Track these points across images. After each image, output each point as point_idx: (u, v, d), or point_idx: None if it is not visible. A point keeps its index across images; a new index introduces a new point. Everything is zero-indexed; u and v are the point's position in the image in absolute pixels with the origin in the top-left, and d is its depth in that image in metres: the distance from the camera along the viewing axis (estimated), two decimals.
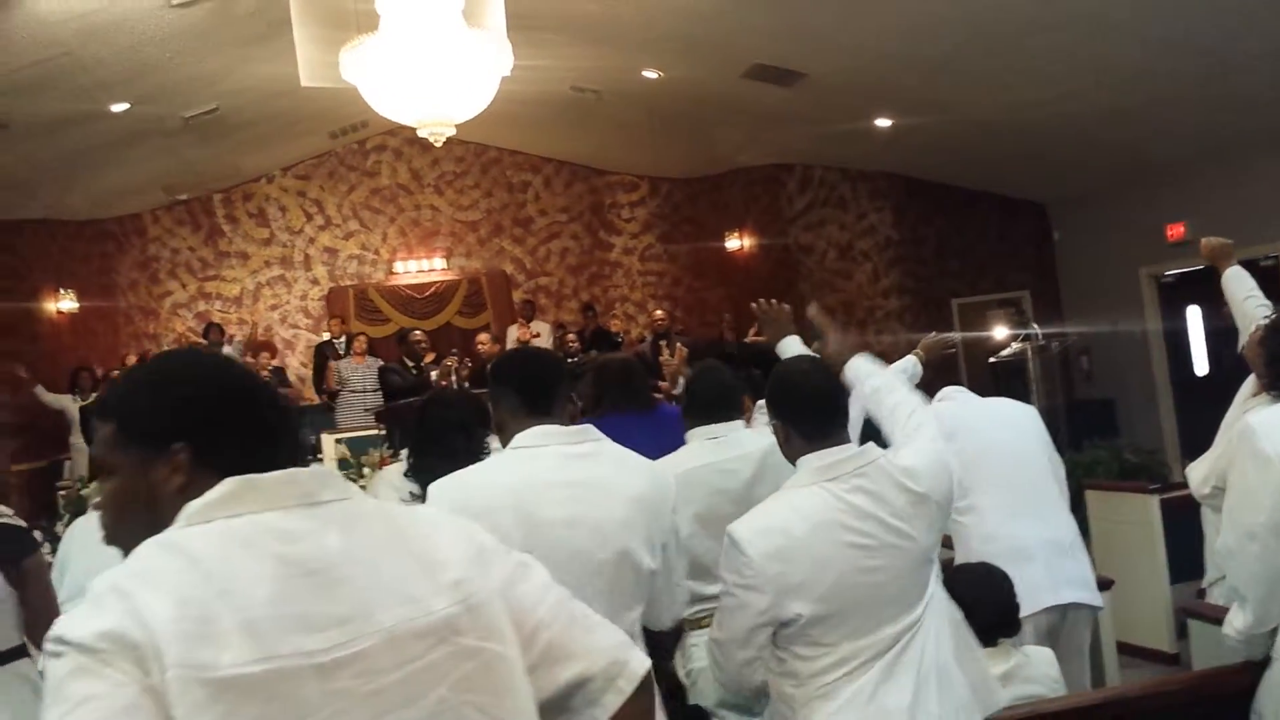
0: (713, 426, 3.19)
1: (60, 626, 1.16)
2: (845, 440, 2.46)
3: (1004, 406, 4.15)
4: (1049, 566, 3.65)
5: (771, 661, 2.39)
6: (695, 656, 3.00)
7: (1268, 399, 3.29)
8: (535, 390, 2.45)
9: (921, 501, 2.41)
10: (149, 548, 1.24)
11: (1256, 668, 2.56)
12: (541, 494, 2.29)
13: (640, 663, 1.46)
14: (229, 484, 1.27)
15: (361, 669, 1.21)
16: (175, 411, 1.34)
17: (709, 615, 2.67)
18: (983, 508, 3.73)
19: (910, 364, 4.58)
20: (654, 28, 8.80)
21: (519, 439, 2.38)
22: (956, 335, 5.29)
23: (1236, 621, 2.57)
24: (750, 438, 3.24)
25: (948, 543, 4.12)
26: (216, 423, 1.34)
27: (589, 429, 2.47)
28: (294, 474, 1.32)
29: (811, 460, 2.42)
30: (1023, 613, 3.49)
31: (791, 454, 2.50)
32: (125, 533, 1.30)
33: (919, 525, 2.40)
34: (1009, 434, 3.91)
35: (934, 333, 4.82)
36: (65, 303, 11.81)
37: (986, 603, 2.97)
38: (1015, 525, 3.69)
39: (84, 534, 3.56)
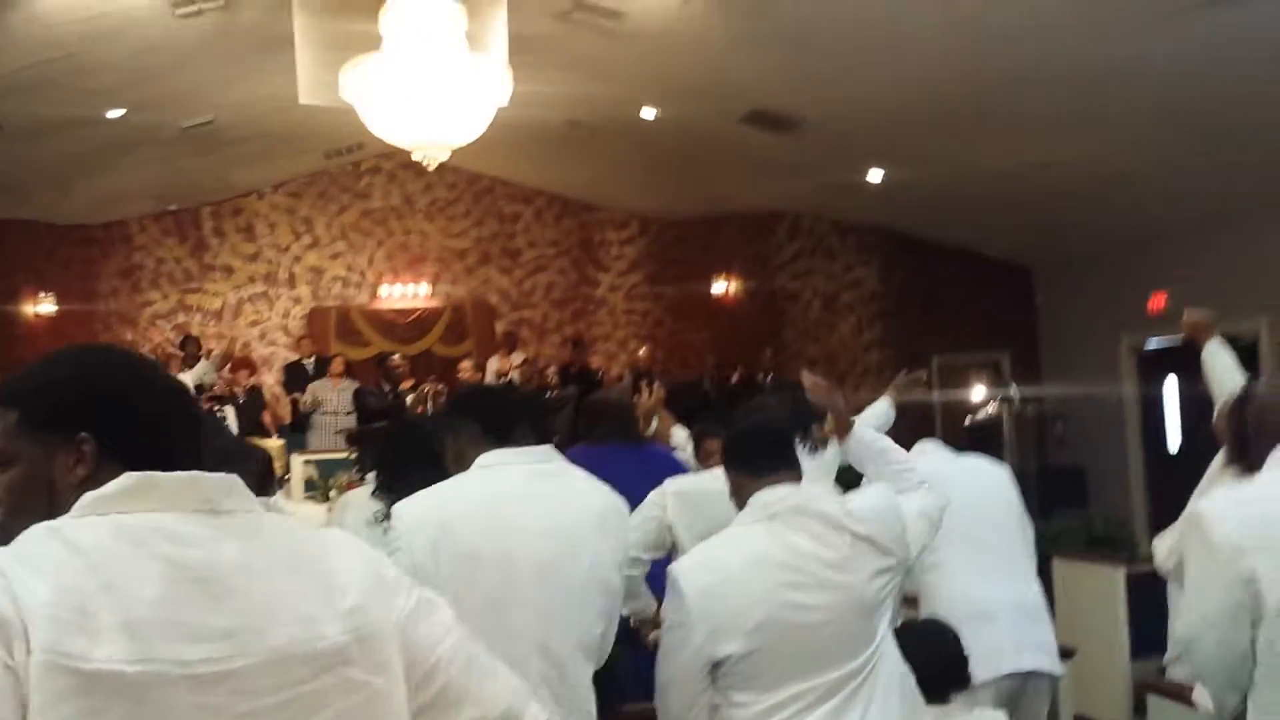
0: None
1: None
2: (790, 480, 2.48)
3: (978, 464, 4.13)
4: (1014, 630, 3.64)
5: (710, 711, 2.38)
6: None
7: (1234, 473, 3.30)
8: (497, 419, 2.49)
9: (862, 543, 2.42)
10: (36, 532, 1.21)
11: None
12: (514, 506, 2.32)
13: (536, 715, 1.42)
14: (128, 479, 1.24)
15: (239, 686, 1.17)
16: (83, 401, 1.31)
17: None
18: (948, 565, 3.72)
19: (884, 407, 4.57)
20: (655, 67, 8.86)
21: (484, 459, 2.41)
22: (927, 380, 5.28)
23: (1203, 701, 2.57)
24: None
25: (914, 602, 4.12)
26: (124, 416, 1.31)
27: (551, 450, 2.51)
28: (196, 478, 1.28)
29: (756, 499, 2.46)
30: (984, 677, 3.48)
31: (740, 501, 2.54)
32: (21, 526, 1.25)
33: (859, 570, 2.41)
34: (981, 493, 3.90)
35: (904, 371, 4.78)
36: (43, 305, 11.74)
37: (933, 659, 2.96)
38: (982, 586, 3.68)
39: None
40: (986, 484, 3.98)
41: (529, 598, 2.25)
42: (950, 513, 3.69)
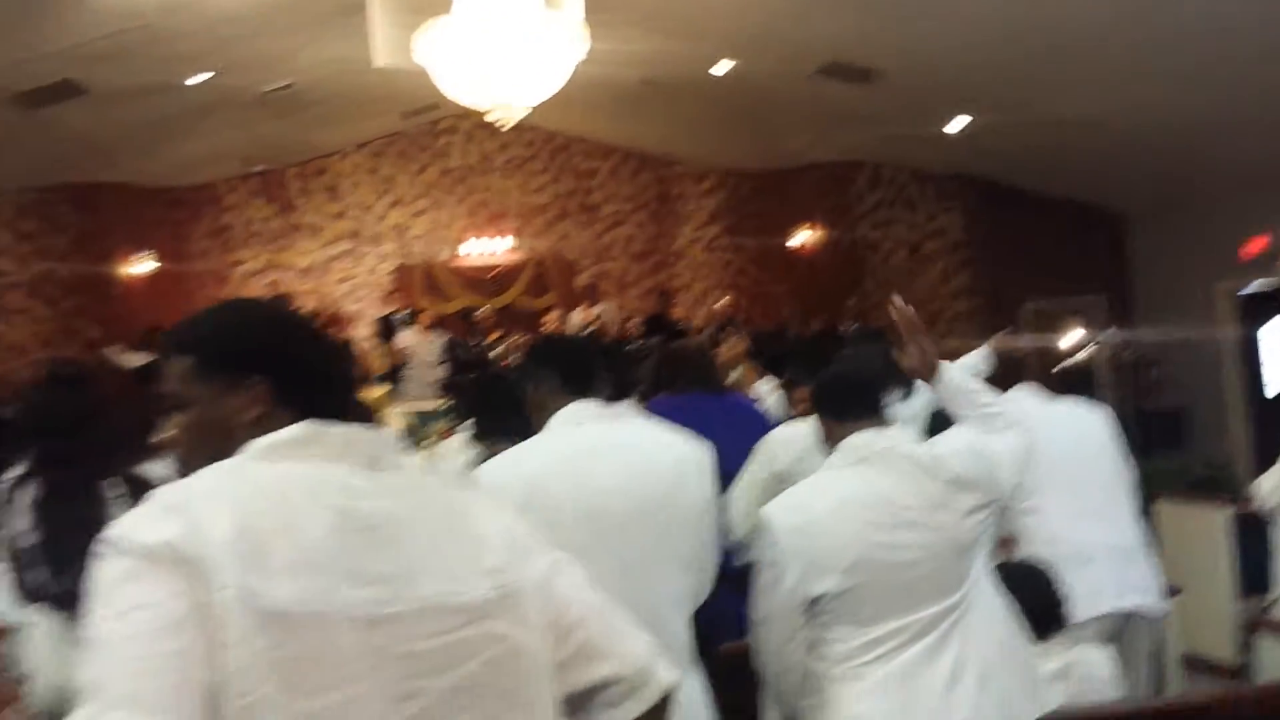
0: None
1: (119, 528, 1.20)
2: (878, 424, 2.48)
3: (1075, 408, 4.08)
4: (1113, 570, 3.61)
5: (809, 644, 2.41)
6: None
7: None
8: (576, 370, 2.50)
9: (955, 485, 2.43)
10: (216, 470, 1.28)
11: None
12: (593, 462, 2.34)
13: (667, 675, 1.47)
14: (301, 428, 1.32)
15: (396, 630, 1.23)
16: (257, 347, 1.40)
17: None
18: (1047, 509, 3.69)
19: (984, 355, 4.54)
20: (729, 21, 8.75)
21: (562, 415, 2.43)
22: (1028, 338, 5.21)
23: None
24: None
25: (1011, 543, 4.08)
26: (294, 363, 1.40)
27: (627, 405, 2.54)
28: (362, 433, 1.35)
29: (845, 444, 2.50)
30: (1084, 616, 3.45)
31: (830, 446, 2.58)
32: (198, 464, 1.32)
33: (952, 510, 2.42)
34: (1078, 436, 3.86)
35: (1008, 329, 4.77)
36: (141, 265, 12.08)
37: (1030, 598, 2.93)
38: (1080, 527, 3.65)
39: None
40: (1084, 427, 3.94)
41: (612, 552, 2.26)
42: (1047, 456, 3.65)
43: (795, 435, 3.49)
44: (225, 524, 1.18)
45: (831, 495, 2.44)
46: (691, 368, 4.19)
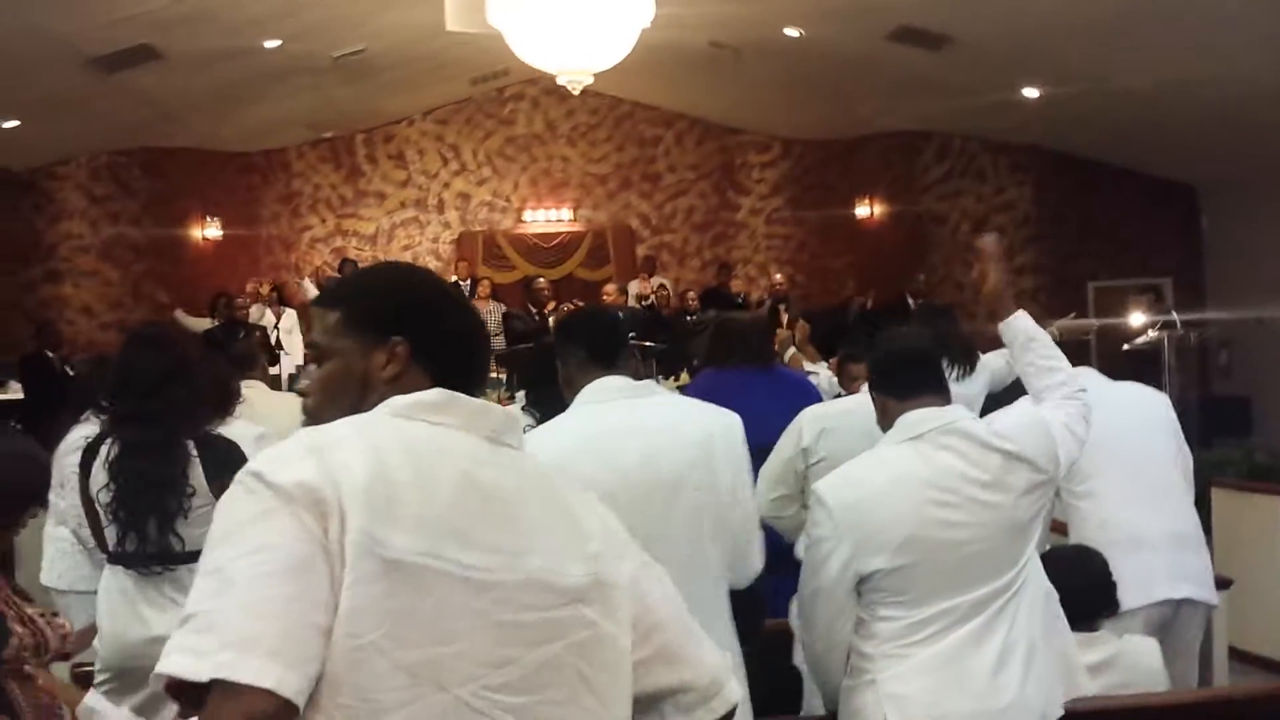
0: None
1: (259, 464, 1.24)
2: (938, 403, 2.46)
3: (1134, 391, 3.98)
4: (1167, 558, 3.54)
5: (855, 624, 2.41)
6: None
7: None
8: (603, 346, 2.52)
9: (1013, 461, 2.40)
10: (356, 420, 1.33)
11: None
12: (618, 440, 2.36)
13: (735, 691, 1.51)
14: (437, 393, 1.37)
15: (500, 596, 1.26)
16: (401, 308, 1.45)
17: None
18: (1102, 493, 3.62)
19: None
20: None
21: (588, 393, 2.44)
22: (1094, 322, 5.15)
23: None
24: None
25: (1062, 528, 4.05)
26: (434, 328, 1.45)
27: (652, 384, 2.55)
28: (490, 407, 1.41)
29: (902, 420, 2.46)
30: (1135, 603, 3.40)
31: (886, 423, 2.53)
32: (331, 414, 1.38)
33: (1010, 489, 2.39)
34: (1136, 420, 3.75)
35: (1074, 314, 4.70)
36: (210, 230, 12.32)
37: (1080, 583, 2.89)
38: (1135, 513, 3.57)
39: None
40: (1143, 411, 3.83)
41: (635, 528, 2.29)
42: (1105, 440, 3.59)
43: (825, 411, 3.50)
44: (360, 470, 1.22)
45: (886, 471, 2.41)
46: (742, 342, 4.19)
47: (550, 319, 9.43)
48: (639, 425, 2.39)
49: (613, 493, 2.27)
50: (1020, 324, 2.73)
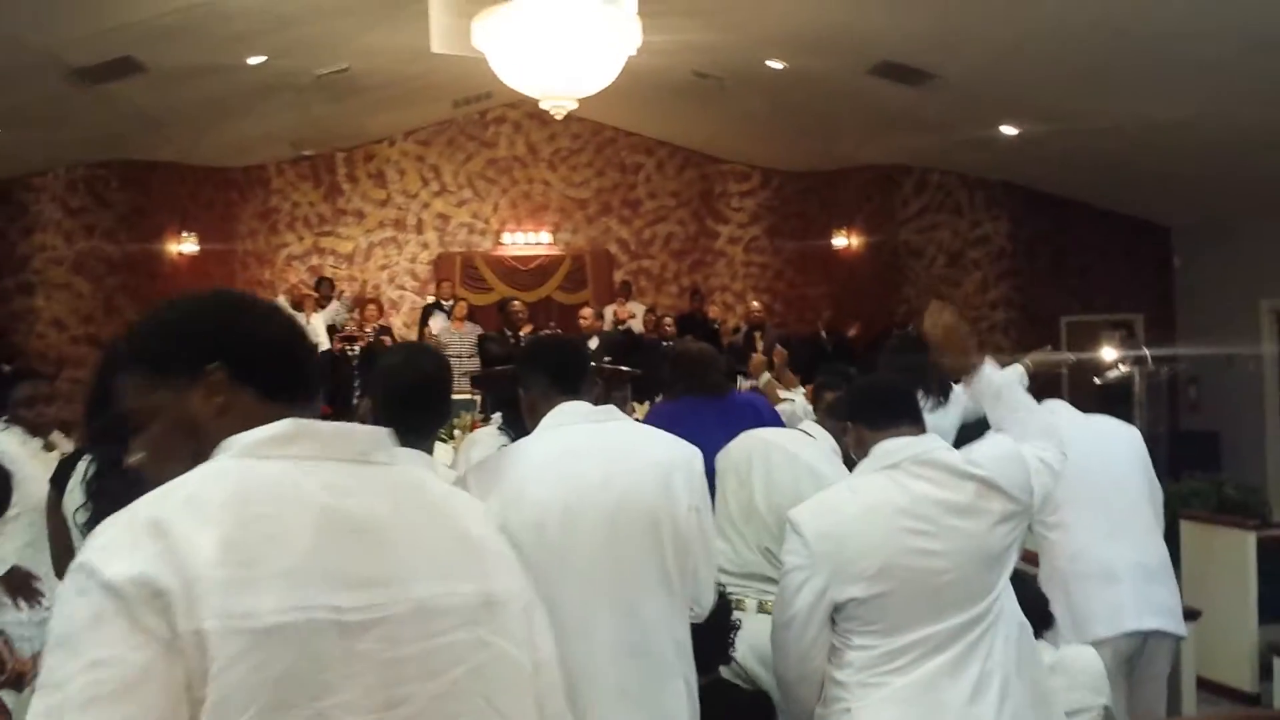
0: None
1: (88, 553, 1.10)
2: (913, 432, 2.49)
3: (1106, 425, 4.03)
4: (1135, 590, 3.58)
5: (829, 652, 2.40)
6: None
7: None
8: (567, 372, 2.52)
9: (988, 489, 2.41)
10: (198, 473, 1.20)
11: None
12: (578, 462, 2.34)
13: None
14: (288, 424, 1.25)
15: (385, 634, 1.17)
16: (201, 334, 1.33)
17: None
18: (1073, 525, 3.66)
19: (1017, 374, 4.57)
20: (783, 17, 8.73)
21: (551, 418, 2.43)
22: (1070, 356, 5.20)
23: None
24: None
25: (1033, 559, 4.07)
26: (243, 343, 1.33)
27: (612, 409, 2.55)
28: (351, 428, 1.30)
29: (877, 449, 2.48)
30: (1104, 634, 3.45)
31: (862, 453, 2.55)
32: (173, 474, 1.22)
33: (983, 517, 2.41)
34: (1108, 453, 3.81)
35: (1049, 347, 4.75)
36: (186, 245, 12.24)
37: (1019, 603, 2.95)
38: (1105, 546, 3.62)
39: None
40: (1115, 445, 3.89)
41: (593, 551, 2.28)
42: (1076, 473, 3.60)
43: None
44: (208, 543, 1.10)
45: (861, 500, 2.42)
46: (692, 373, 4.17)
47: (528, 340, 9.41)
48: (599, 447, 2.38)
49: (575, 512, 2.28)
50: (988, 377, 2.73)
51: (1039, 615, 2.99)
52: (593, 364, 2.80)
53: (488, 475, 2.36)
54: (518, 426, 3.65)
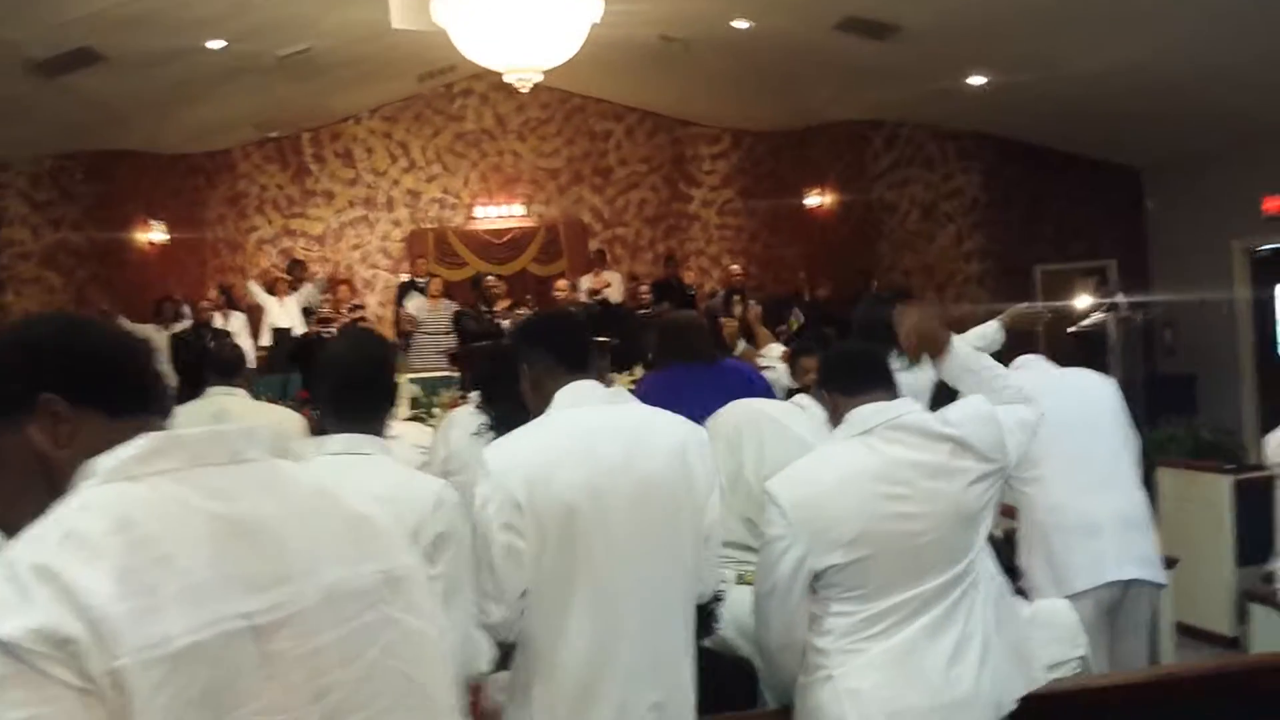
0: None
1: None
2: (886, 398, 2.51)
3: (1082, 377, 4.05)
4: (1116, 541, 3.60)
5: (809, 620, 2.43)
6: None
7: None
8: (573, 349, 2.50)
9: (962, 448, 2.44)
10: (72, 509, 1.13)
11: None
12: (601, 441, 2.35)
13: None
14: (151, 439, 1.19)
15: (298, 629, 1.16)
16: (23, 364, 1.25)
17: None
18: (1050, 479, 3.67)
19: (993, 329, 4.62)
20: None
21: (566, 396, 2.42)
22: (1045, 311, 5.23)
23: None
24: None
25: (1011, 513, 4.11)
26: (68, 363, 1.26)
27: (621, 390, 2.56)
28: (220, 431, 1.26)
29: (851, 416, 2.50)
30: (1086, 586, 3.49)
31: (836, 420, 2.57)
32: (30, 520, 1.13)
33: (959, 477, 2.43)
34: (1084, 405, 3.81)
35: (1025, 304, 4.79)
36: (155, 234, 12.13)
37: None
38: (1084, 498, 3.63)
39: None
40: (1090, 396, 3.90)
41: (622, 532, 2.29)
42: (1053, 426, 3.61)
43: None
44: (104, 579, 1.05)
45: (838, 467, 2.44)
46: (680, 342, 4.20)
47: (502, 319, 9.39)
48: (618, 427, 2.39)
49: (603, 493, 2.30)
50: (958, 353, 2.75)
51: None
52: None
53: (507, 454, 2.35)
54: (495, 404, 3.67)
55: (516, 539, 2.24)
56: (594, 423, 2.39)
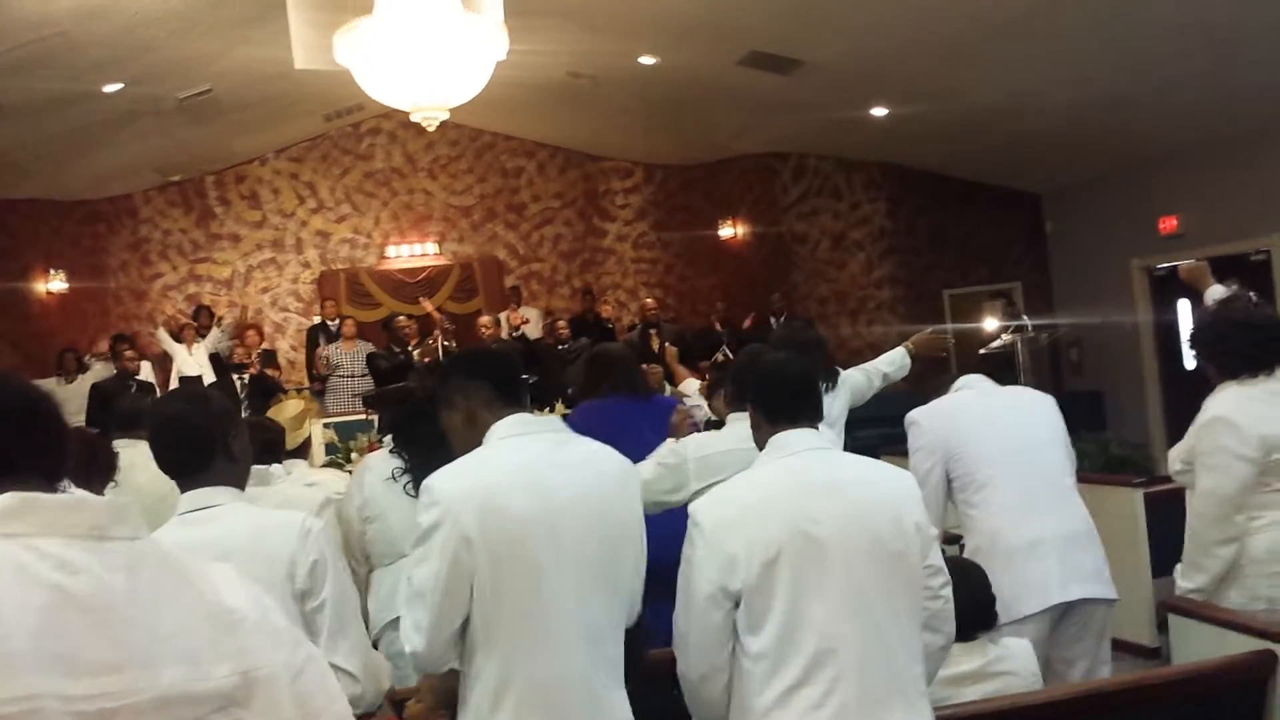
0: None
1: None
2: (810, 424, 2.52)
3: (1023, 396, 4.08)
4: (1061, 562, 3.58)
5: (731, 645, 2.37)
6: None
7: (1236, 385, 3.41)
8: (510, 381, 2.49)
9: (880, 491, 2.46)
10: None
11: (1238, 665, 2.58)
12: (550, 473, 2.32)
13: None
14: (7, 499, 1.16)
15: None
16: None
17: None
18: (996, 500, 3.66)
19: (899, 356, 4.70)
20: (650, 13, 8.77)
21: (504, 428, 2.38)
22: (949, 333, 5.33)
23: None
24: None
25: (952, 539, 4.12)
26: None
27: (555, 420, 2.54)
28: (83, 501, 1.21)
29: (776, 440, 2.49)
30: (1033, 610, 3.48)
31: (760, 439, 2.56)
32: None
33: (878, 513, 2.41)
34: (1026, 424, 3.82)
35: (930, 328, 4.87)
36: (55, 283, 11.78)
37: (961, 597, 2.96)
38: (1029, 519, 3.62)
39: None
40: (1032, 415, 3.89)
41: (572, 562, 2.27)
42: (996, 447, 3.70)
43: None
44: None
45: (759, 490, 2.42)
46: (613, 372, 4.21)
47: (416, 355, 9.27)
48: (564, 460, 2.37)
49: (553, 525, 2.26)
50: None
51: (982, 617, 2.96)
52: None
53: (455, 484, 2.29)
54: (410, 448, 3.59)
55: (460, 570, 2.20)
56: (543, 455, 2.36)
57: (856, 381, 4.69)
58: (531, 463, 2.34)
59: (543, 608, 2.23)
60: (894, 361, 4.82)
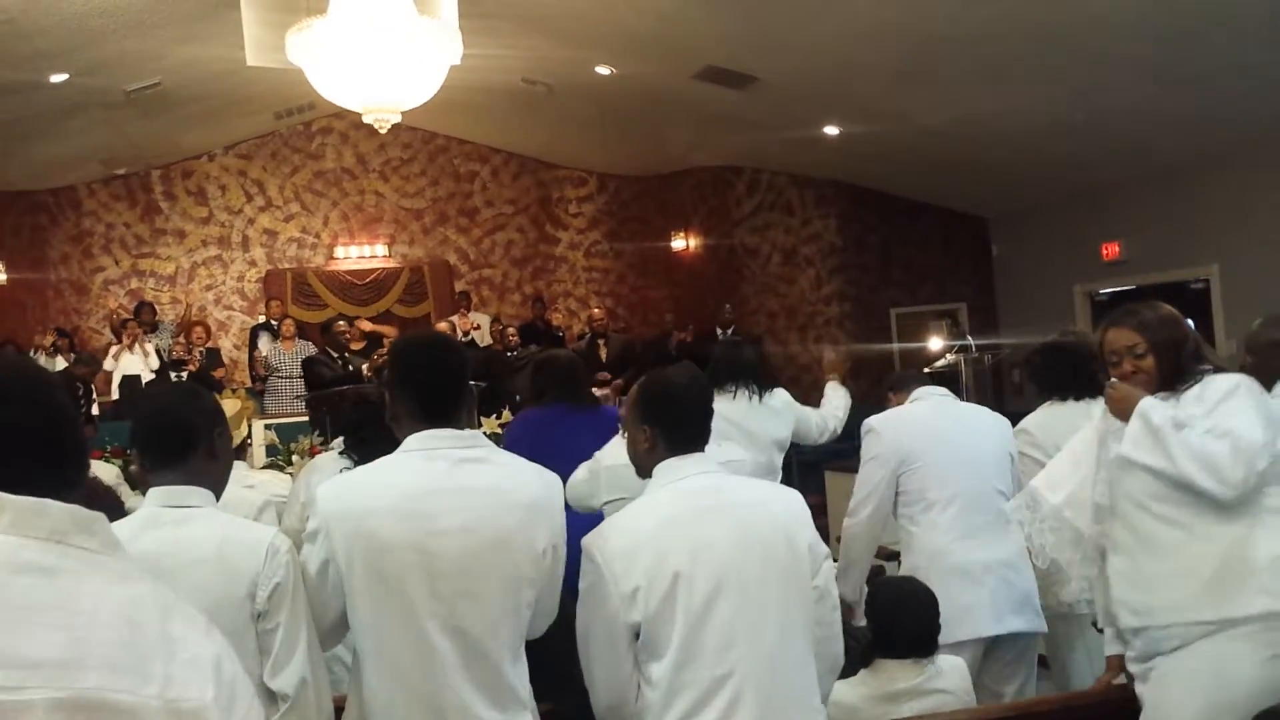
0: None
1: None
2: (698, 450, 2.47)
3: (978, 416, 4.01)
4: (995, 592, 3.58)
5: (636, 674, 2.34)
6: None
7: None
8: (438, 397, 2.37)
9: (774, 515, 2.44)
10: None
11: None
12: (435, 498, 2.25)
13: None
14: None
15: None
16: None
17: None
18: (941, 522, 3.66)
19: (842, 397, 4.80)
20: (608, 23, 8.79)
21: (410, 442, 2.33)
22: (845, 349, 5.46)
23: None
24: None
25: (888, 553, 4.14)
26: None
27: (479, 435, 2.43)
28: (47, 505, 1.22)
29: (666, 465, 2.44)
30: (964, 637, 3.46)
31: (651, 461, 2.48)
32: None
33: (769, 541, 2.40)
34: (974, 447, 3.78)
35: (826, 348, 4.95)
36: None
37: (906, 624, 2.96)
38: (968, 543, 3.62)
39: None
40: (984, 435, 3.85)
41: (447, 588, 2.22)
42: (942, 467, 3.69)
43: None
44: None
45: (650, 518, 2.35)
46: (560, 380, 4.20)
47: (358, 362, 9.17)
48: (458, 484, 2.28)
49: (420, 549, 2.20)
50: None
51: (923, 642, 2.96)
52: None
53: (332, 505, 2.26)
54: (361, 449, 3.55)
55: (324, 581, 2.24)
56: (434, 475, 2.28)
57: (806, 419, 4.76)
58: (418, 486, 2.26)
59: (413, 634, 2.19)
60: (839, 399, 4.94)
